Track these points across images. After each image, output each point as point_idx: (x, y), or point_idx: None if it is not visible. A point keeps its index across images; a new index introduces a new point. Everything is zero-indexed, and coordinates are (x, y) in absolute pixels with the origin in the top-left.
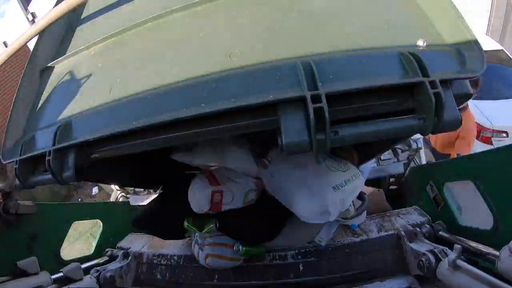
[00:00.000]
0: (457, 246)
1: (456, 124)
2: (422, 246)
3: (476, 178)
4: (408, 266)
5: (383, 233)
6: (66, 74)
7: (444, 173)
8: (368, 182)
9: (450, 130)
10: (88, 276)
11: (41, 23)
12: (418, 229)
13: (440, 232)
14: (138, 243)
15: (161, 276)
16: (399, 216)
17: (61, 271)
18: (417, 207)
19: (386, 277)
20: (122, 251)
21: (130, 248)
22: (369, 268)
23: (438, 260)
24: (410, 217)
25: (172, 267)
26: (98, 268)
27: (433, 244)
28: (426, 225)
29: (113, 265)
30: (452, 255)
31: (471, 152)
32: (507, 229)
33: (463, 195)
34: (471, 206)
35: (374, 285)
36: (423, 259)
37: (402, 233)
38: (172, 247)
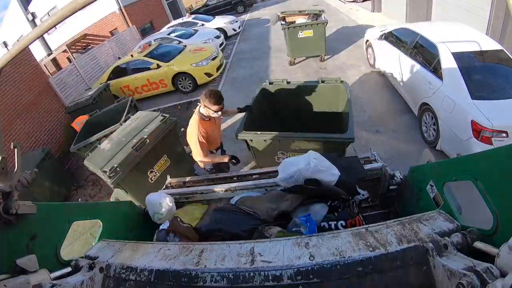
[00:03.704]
0: None
1: None
2: (457, 262)
3: (476, 178)
4: None
5: (404, 245)
6: None
7: (444, 173)
8: (369, 181)
9: None
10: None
11: (45, 25)
12: (447, 239)
13: (475, 243)
14: (107, 252)
15: None
16: (422, 223)
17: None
18: (441, 210)
19: None
20: (87, 262)
21: (97, 258)
22: None
23: (484, 282)
24: (435, 223)
25: (141, 284)
26: (56, 281)
27: (470, 259)
28: (457, 233)
29: (74, 278)
30: (509, 278)
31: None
32: (507, 229)
33: (463, 195)
34: (471, 206)
35: None
36: (463, 281)
37: (430, 244)
38: (143, 259)
